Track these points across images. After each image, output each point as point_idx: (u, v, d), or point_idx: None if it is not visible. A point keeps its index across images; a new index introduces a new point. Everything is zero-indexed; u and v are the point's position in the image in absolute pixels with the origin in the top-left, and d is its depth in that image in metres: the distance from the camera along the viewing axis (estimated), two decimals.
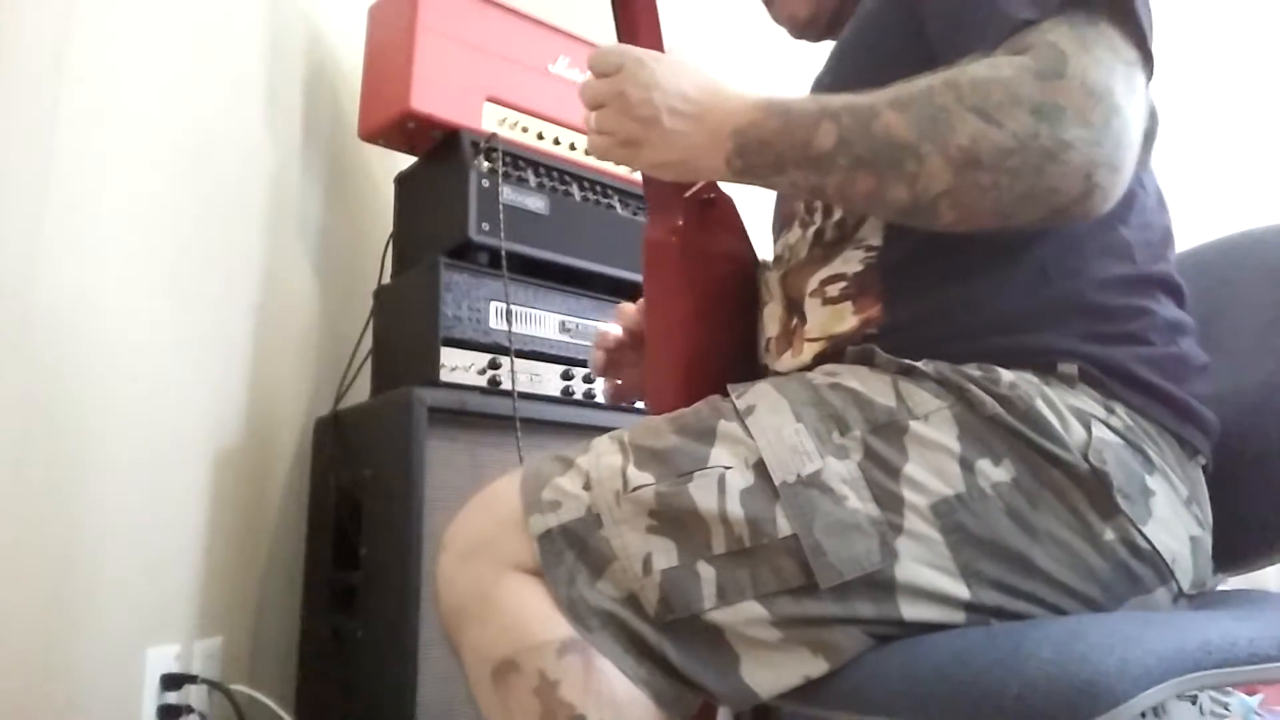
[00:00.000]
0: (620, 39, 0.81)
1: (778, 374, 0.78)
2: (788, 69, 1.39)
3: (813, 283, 0.78)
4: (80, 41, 1.22)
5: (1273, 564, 0.82)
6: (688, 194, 0.81)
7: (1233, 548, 0.77)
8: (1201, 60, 2.72)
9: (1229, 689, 1.48)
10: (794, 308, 0.81)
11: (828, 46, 0.92)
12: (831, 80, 0.83)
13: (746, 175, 0.73)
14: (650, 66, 0.75)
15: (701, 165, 0.74)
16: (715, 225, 0.84)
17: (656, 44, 0.81)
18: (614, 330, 0.96)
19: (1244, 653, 0.55)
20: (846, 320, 0.75)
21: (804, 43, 1.01)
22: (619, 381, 0.99)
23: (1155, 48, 0.66)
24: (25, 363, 1.12)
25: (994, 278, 0.70)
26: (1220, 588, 0.80)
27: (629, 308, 0.96)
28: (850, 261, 0.76)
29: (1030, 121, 0.61)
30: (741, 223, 0.89)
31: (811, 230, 0.81)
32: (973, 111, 0.62)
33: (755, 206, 0.92)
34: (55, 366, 1.16)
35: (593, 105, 0.78)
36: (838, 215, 0.79)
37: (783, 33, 1.01)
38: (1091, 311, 0.69)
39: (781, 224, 0.87)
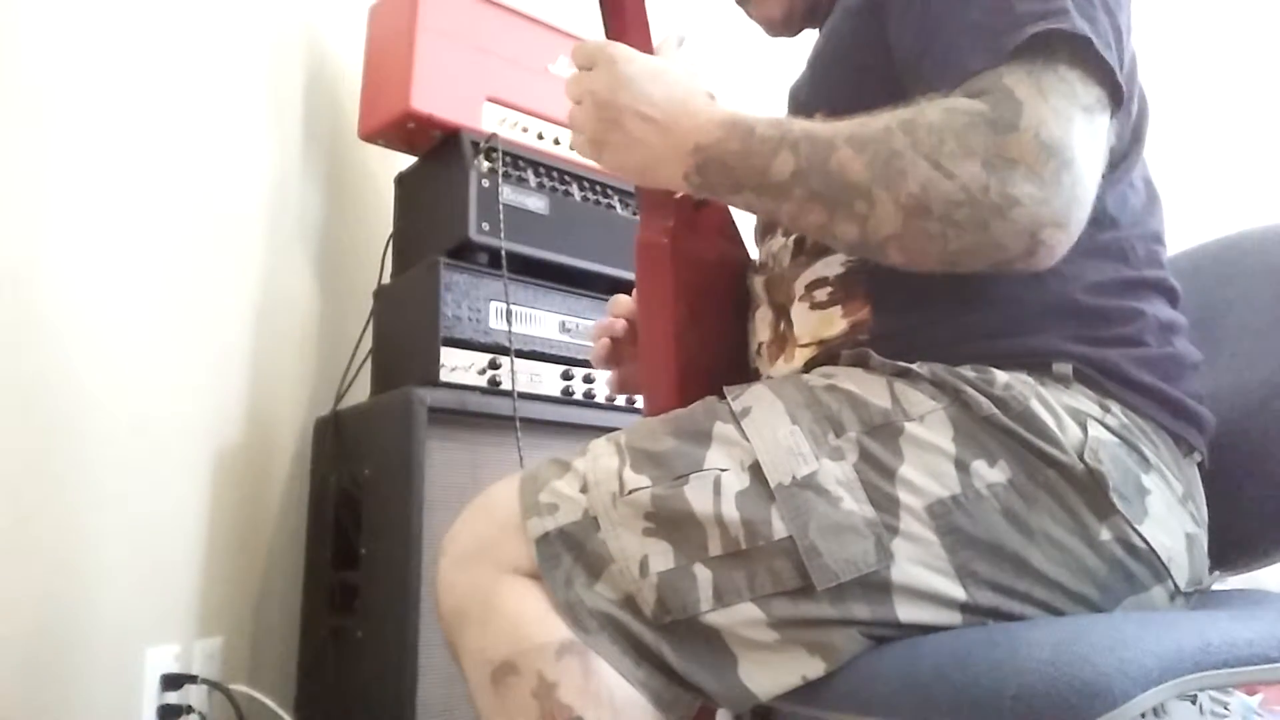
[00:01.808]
0: (608, 35, 0.80)
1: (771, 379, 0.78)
2: (774, 62, 1.39)
3: (798, 288, 0.78)
4: (80, 42, 1.22)
5: (1272, 564, 0.82)
6: (679, 194, 0.81)
7: (1232, 547, 0.77)
8: (1201, 60, 2.72)
9: (1229, 689, 1.48)
10: (781, 312, 0.81)
11: (809, 38, 0.92)
12: (808, 93, 0.83)
13: (704, 190, 0.73)
14: (623, 67, 0.74)
15: (660, 175, 0.74)
16: (707, 226, 0.84)
17: (644, 40, 0.81)
18: (616, 323, 0.95)
19: (1244, 653, 0.55)
20: (836, 324, 0.75)
21: (785, 44, 1.01)
22: (619, 371, 0.98)
23: (1123, 81, 0.65)
24: (25, 362, 1.13)
25: (985, 281, 0.69)
26: (1220, 587, 0.80)
27: (624, 299, 0.96)
28: (831, 264, 0.76)
29: (981, 174, 0.61)
30: (734, 224, 0.89)
31: (793, 238, 0.81)
32: (926, 159, 0.62)
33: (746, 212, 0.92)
34: (55, 366, 1.16)
35: (571, 99, 0.78)
36: None
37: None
38: (1084, 314, 0.69)
39: (764, 230, 0.87)
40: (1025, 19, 0.63)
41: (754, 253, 0.90)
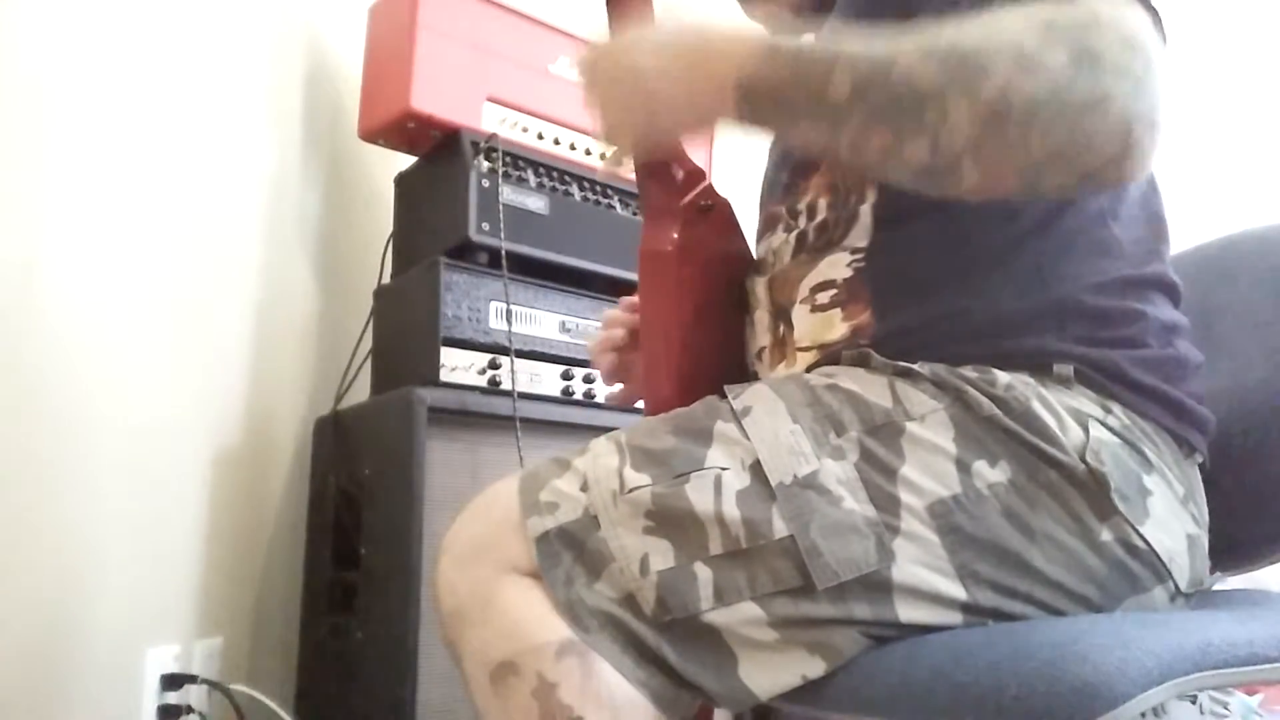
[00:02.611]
0: (611, 31, 0.80)
1: None
2: None
3: (802, 290, 0.78)
4: (80, 42, 1.22)
5: (1273, 564, 0.82)
6: (685, 201, 0.80)
7: (1232, 547, 0.77)
8: (1201, 60, 2.72)
9: (1229, 689, 1.48)
10: (781, 315, 0.80)
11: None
12: None
13: (756, 123, 0.67)
14: (621, 43, 0.72)
15: (711, 121, 0.70)
16: (712, 231, 0.84)
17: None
18: (611, 335, 0.95)
19: (1244, 653, 0.55)
20: (836, 328, 0.75)
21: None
22: (624, 386, 0.98)
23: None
24: (25, 362, 1.13)
25: (986, 282, 0.69)
26: (1220, 587, 0.80)
27: (617, 315, 0.95)
28: (837, 266, 0.76)
29: (1068, 68, 0.56)
30: (738, 225, 0.88)
31: (794, 234, 0.80)
32: (1006, 54, 0.57)
33: (750, 209, 0.92)
34: (55, 365, 1.16)
35: (592, 105, 0.76)
36: (820, 218, 0.78)
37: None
38: (1086, 315, 0.69)
39: (765, 227, 0.86)
40: None
41: (753, 250, 0.90)
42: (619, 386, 0.99)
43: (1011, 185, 0.61)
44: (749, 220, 0.89)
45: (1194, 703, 1.45)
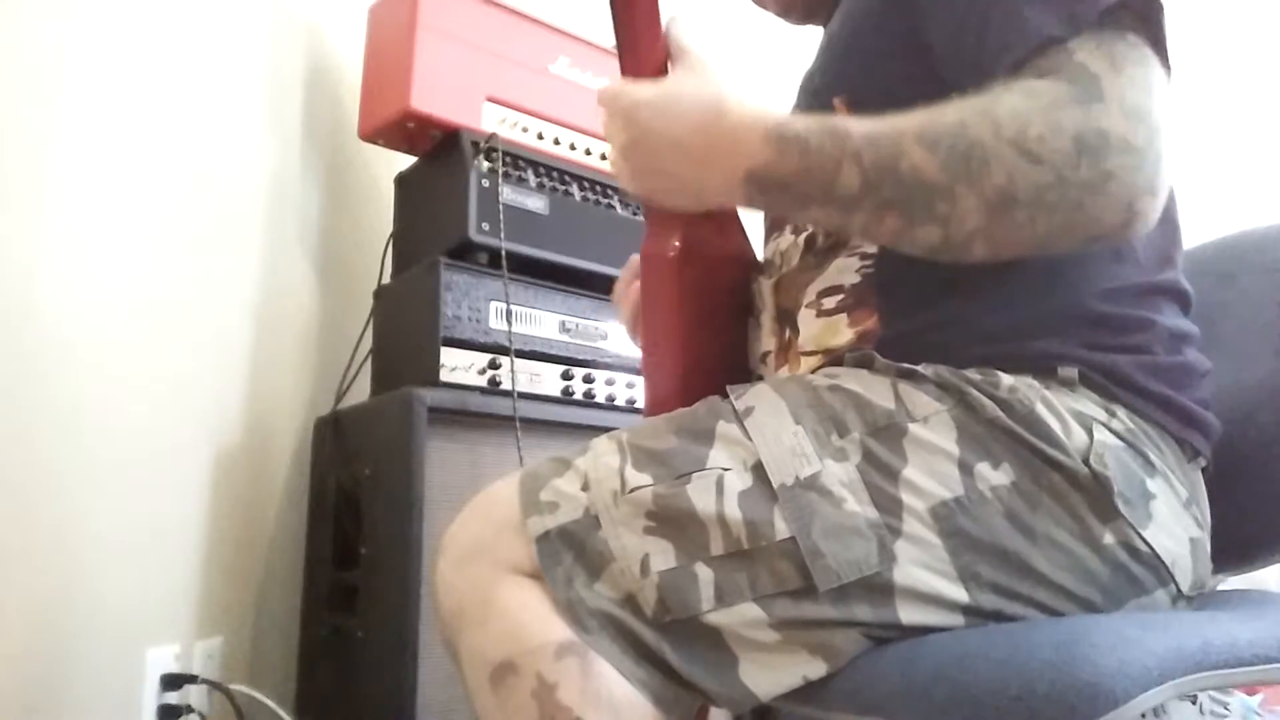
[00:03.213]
0: (618, 40, 0.79)
1: None
2: (779, 57, 1.39)
3: (809, 294, 0.78)
4: (80, 42, 1.22)
5: (1273, 564, 0.82)
6: None
7: (1233, 548, 0.77)
8: (1201, 60, 2.72)
9: (1229, 689, 1.48)
10: (786, 318, 0.80)
11: (815, 32, 0.91)
12: (821, 80, 0.82)
13: (767, 209, 0.71)
14: (642, 119, 0.71)
15: (718, 201, 0.72)
16: (714, 233, 0.83)
17: (654, 42, 0.79)
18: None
19: (1244, 654, 0.55)
20: (842, 333, 0.75)
21: (794, 35, 1.00)
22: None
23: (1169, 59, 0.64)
24: (25, 362, 1.12)
25: (995, 289, 0.69)
26: (1220, 588, 0.80)
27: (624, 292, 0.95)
28: (846, 271, 0.76)
29: (1072, 153, 0.58)
30: (741, 227, 0.88)
31: (803, 236, 0.80)
32: (1010, 146, 0.59)
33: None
34: (55, 365, 1.16)
35: (608, 140, 0.76)
36: None
37: (769, 20, 1.00)
38: (1095, 321, 0.69)
39: (772, 227, 0.86)
40: None
41: (759, 251, 0.90)
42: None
43: (1020, 254, 0.64)
44: (751, 220, 0.89)
45: (1194, 703, 1.46)
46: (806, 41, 0.95)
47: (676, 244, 0.79)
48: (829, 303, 0.76)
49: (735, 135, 0.68)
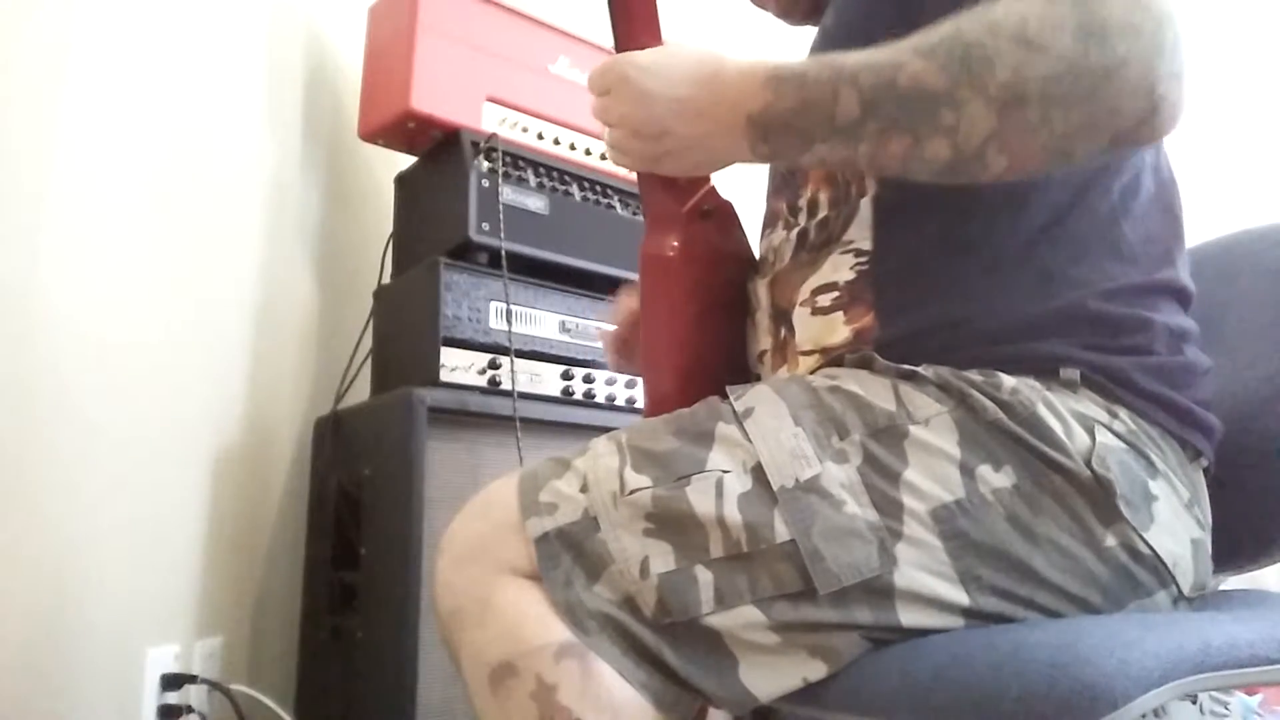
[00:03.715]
0: (615, 38, 0.79)
1: None
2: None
3: (803, 292, 0.77)
4: (80, 41, 1.22)
5: (1273, 564, 0.82)
6: (686, 207, 0.80)
7: (1233, 548, 0.77)
8: (1201, 60, 2.72)
9: (1229, 690, 1.48)
10: (782, 317, 0.80)
11: (808, 33, 0.91)
12: None
13: (774, 157, 0.69)
14: (637, 79, 0.72)
15: (730, 158, 0.71)
16: (714, 234, 0.83)
17: (654, 36, 0.79)
18: (621, 330, 0.95)
19: (1244, 655, 0.55)
20: (838, 332, 0.74)
21: (791, 36, 1.00)
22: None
23: None
24: (25, 362, 1.12)
25: (992, 288, 0.68)
26: (1220, 588, 0.80)
27: (625, 309, 0.95)
28: (840, 268, 0.75)
29: (1078, 41, 0.56)
30: (740, 228, 0.88)
31: (795, 231, 0.80)
32: (1011, 40, 0.57)
33: (752, 209, 0.92)
34: (55, 365, 1.16)
35: (604, 124, 0.76)
36: (821, 215, 0.78)
37: (767, 21, 0.99)
38: (1094, 322, 0.68)
39: (766, 222, 0.86)
40: None
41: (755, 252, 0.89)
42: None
43: (1042, 162, 0.61)
44: (751, 220, 0.89)
45: (1194, 703, 1.45)
46: (805, 42, 0.95)
47: (675, 243, 0.79)
48: (824, 300, 0.76)
49: (734, 85, 0.68)
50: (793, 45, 1.04)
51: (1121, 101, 0.57)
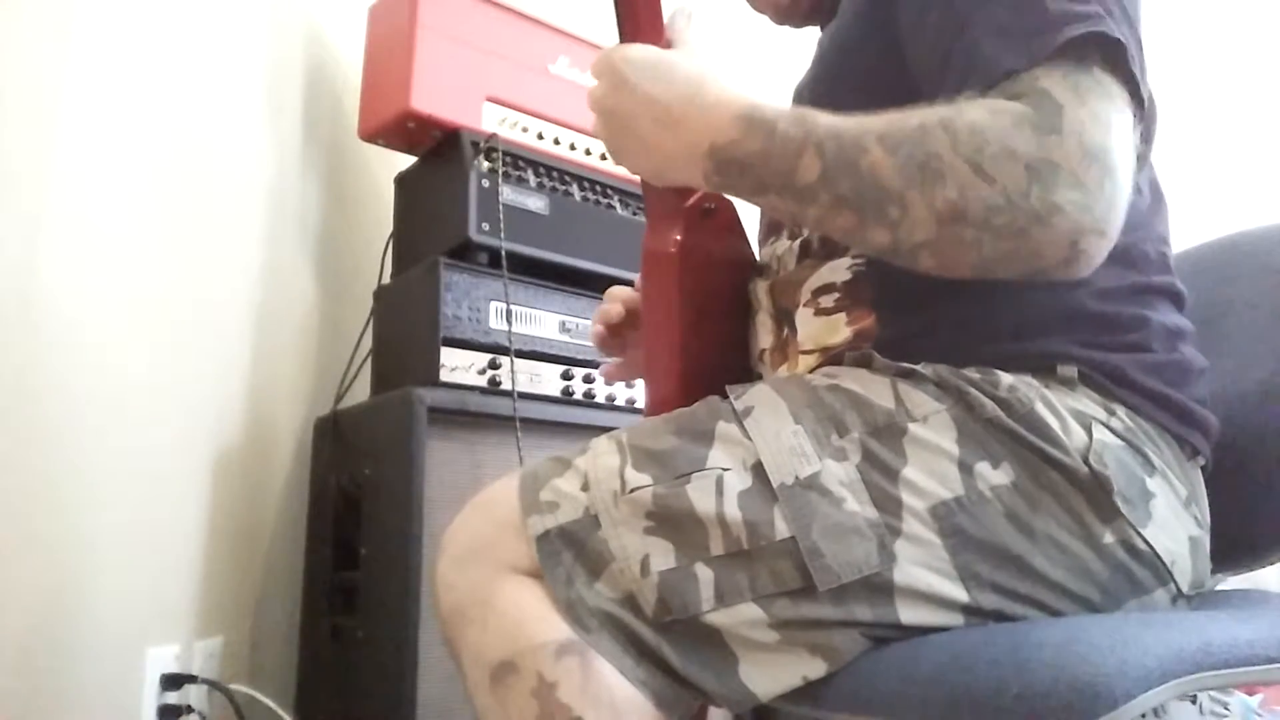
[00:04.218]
0: (620, 35, 0.80)
1: None
2: (780, 59, 1.39)
3: (804, 293, 0.78)
4: (80, 41, 1.22)
5: (1273, 564, 0.82)
6: (688, 204, 0.80)
7: (1233, 547, 0.77)
8: (1201, 60, 2.72)
9: (1229, 689, 1.48)
10: (784, 317, 0.80)
11: (812, 34, 0.91)
12: (812, 95, 0.82)
13: (725, 190, 0.71)
14: (623, 69, 0.72)
15: (678, 176, 0.72)
16: (715, 232, 0.83)
17: (656, 36, 0.80)
18: (614, 308, 0.95)
19: (1244, 654, 0.55)
20: (840, 332, 0.75)
21: (794, 37, 1.00)
22: (619, 360, 0.98)
23: (1146, 90, 0.64)
24: (24, 362, 1.12)
25: (992, 289, 0.68)
26: (1220, 588, 0.80)
27: (621, 290, 0.95)
28: (838, 270, 0.76)
29: (1024, 179, 0.58)
30: (741, 228, 0.88)
31: (798, 241, 0.80)
32: (966, 162, 0.59)
33: (751, 210, 0.92)
34: (54, 365, 1.16)
35: (591, 110, 0.77)
36: None
37: (767, 23, 1.00)
38: (1091, 320, 0.69)
39: (768, 232, 0.87)
40: (1060, 21, 0.62)
41: (756, 253, 0.90)
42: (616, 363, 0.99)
43: (965, 273, 0.63)
44: (752, 220, 0.89)
45: (1194, 703, 1.46)
46: (806, 42, 0.95)
47: (677, 239, 0.79)
48: (826, 301, 0.76)
49: (708, 108, 0.69)
50: (791, 44, 1.04)
51: (1044, 247, 0.59)
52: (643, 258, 0.81)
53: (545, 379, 1.43)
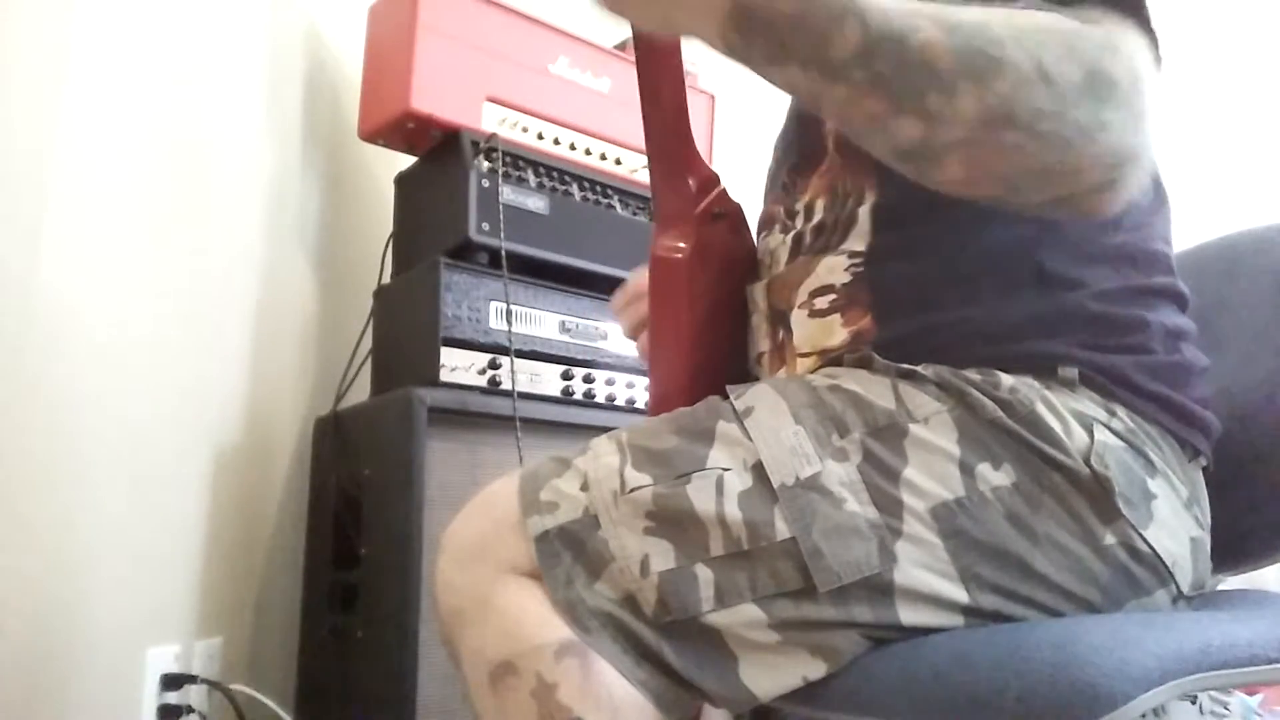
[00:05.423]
0: (636, 49, 0.78)
1: None
2: None
3: (800, 294, 0.77)
4: (80, 41, 1.22)
5: (1273, 564, 0.82)
6: (699, 209, 0.80)
7: (1233, 548, 0.77)
8: (1201, 60, 2.72)
9: (1229, 689, 1.48)
10: (780, 319, 0.80)
11: None
12: None
13: (738, 55, 0.58)
14: None
15: (689, 28, 0.59)
16: (723, 236, 0.83)
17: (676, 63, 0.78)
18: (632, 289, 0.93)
19: (1244, 654, 0.55)
20: (836, 334, 0.74)
21: None
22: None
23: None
24: (25, 361, 1.12)
25: (989, 289, 0.68)
26: (1220, 588, 0.80)
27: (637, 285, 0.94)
28: (835, 270, 0.75)
29: (1080, 87, 0.55)
30: (748, 229, 0.88)
31: (791, 235, 0.80)
32: (1029, 56, 0.55)
33: (750, 211, 0.92)
34: (55, 365, 1.16)
35: None
36: (817, 219, 0.78)
37: None
38: (1091, 321, 0.69)
39: (762, 225, 0.86)
40: None
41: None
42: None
43: (989, 191, 0.59)
44: (750, 222, 0.89)
45: (1194, 703, 1.45)
46: None
47: (686, 246, 0.79)
48: (821, 303, 0.76)
49: None
50: None
51: (1085, 162, 0.56)
52: (650, 262, 0.81)
53: (545, 379, 1.43)
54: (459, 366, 1.34)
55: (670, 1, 0.58)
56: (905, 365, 0.68)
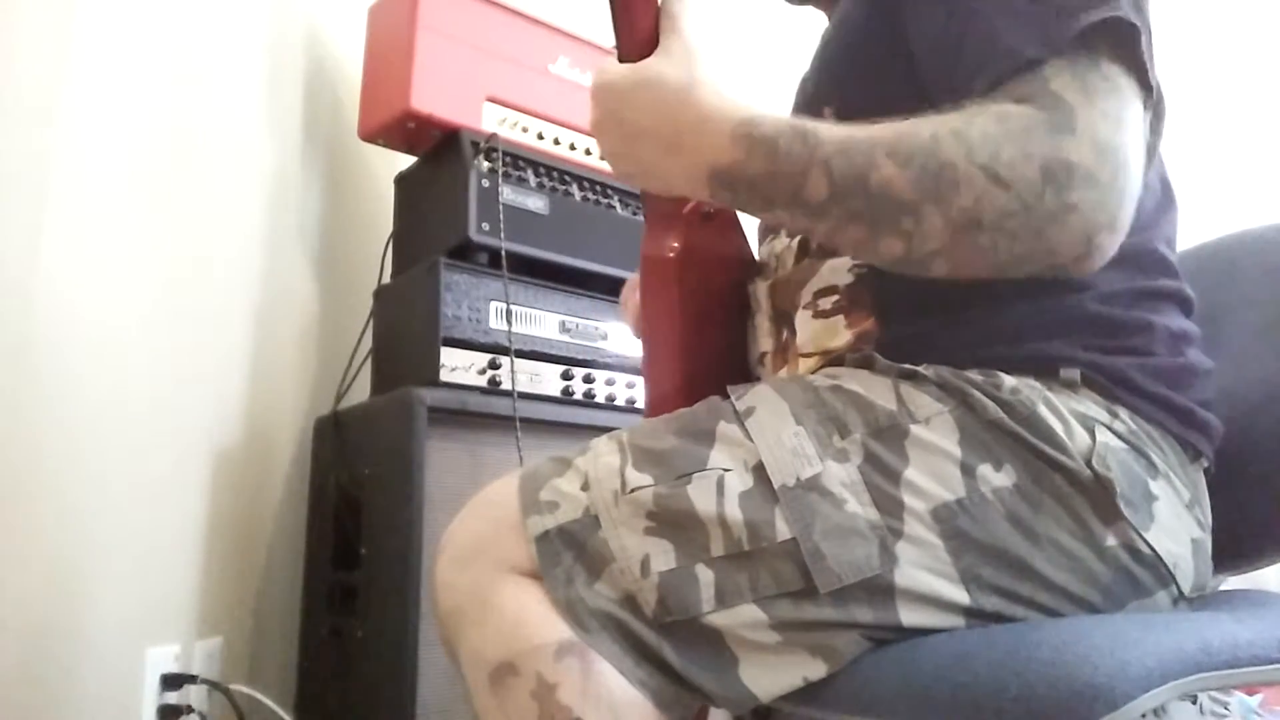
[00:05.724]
0: (616, 33, 0.78)
1: None
2: (781, 57, 1.39)
3: (805, 295, 0.78)
4: (80, 41, 1.22)
5: (1273, 564, 0.82)
6: (687, 209, 0.80)
7: (1233, 548, 0.77)
8: (1201, 60, 2.72)
9: (1229, 689, 1.48)
10: (783, 319, 0.80)
11: (816, 21, 0.91)
12: (814, 88, 0.82)
13: (729, 205, 0.70)
14: (605, 98, 0.70)
15: (681, 189, 0.70)
16: (714, 235, 0.83)
17: (648, 15, 0.75)
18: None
19: (1244, 654, 0.55)
20: (840, 335, 0.75)
21: (797, 23, 1.00)
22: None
23: (1154, 78, 0.64)
24: (25, 362, 1.12)
25: (993, 291, 0.68)
26: (1220, 588, 0.80)
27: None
28: (839, 271, 0.76)
29: (1038, 181, 0.58)
30: (740, 227, 0.88)
31: (797, 240, 0.80)
32: (981, 170, 0.59)
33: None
34: (55, 365, 1.16)
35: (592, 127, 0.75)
36: None
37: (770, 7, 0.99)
38: (1095, 323, 0.69)
39: (766, 229, 0.86)
40: (1078, 6, 0.61)
41: (755, 252, 0.90)
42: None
43: (978, 275, 0.63)
44: (747, 222, 0.89)
45: (1194, 703, 1.46)
46: (808, 28, 0.95)
47: (676, 245, 0.79)
48: (825, 304, 0.76)
49: (701, 128, 0.66)
50: (792, 34, 1.04)
51: (1060, 245, 0.59)
52: (642, 262, 0.81)
53: (545, 379, 1.43)
54: (459, 366, 1.34)
55: (662, 169, 0.69)
56: (907, 366, 0.68)
